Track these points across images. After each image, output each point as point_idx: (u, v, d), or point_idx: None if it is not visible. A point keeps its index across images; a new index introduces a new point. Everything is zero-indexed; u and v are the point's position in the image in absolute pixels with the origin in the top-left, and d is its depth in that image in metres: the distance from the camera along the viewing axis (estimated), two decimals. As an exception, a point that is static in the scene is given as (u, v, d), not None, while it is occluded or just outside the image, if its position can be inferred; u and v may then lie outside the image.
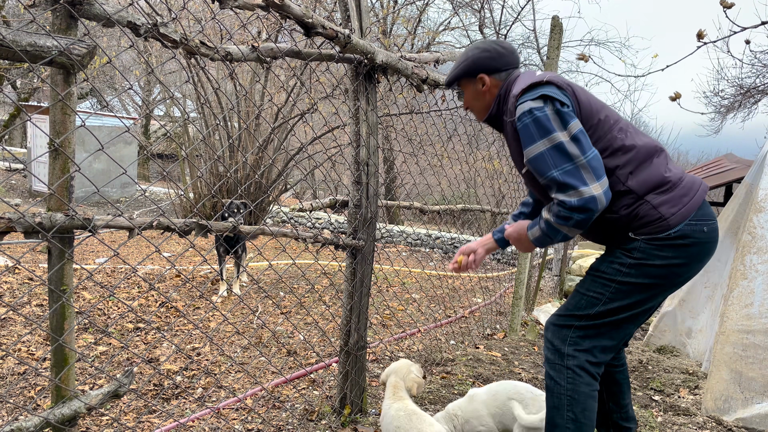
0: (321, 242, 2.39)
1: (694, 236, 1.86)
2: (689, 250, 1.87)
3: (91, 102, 20.64)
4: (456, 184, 6.82)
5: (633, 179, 1.88)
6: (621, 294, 1.93)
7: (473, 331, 4.54)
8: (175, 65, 11.26)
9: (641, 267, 1.89)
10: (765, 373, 2.91)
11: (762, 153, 3.53)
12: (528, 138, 1.83)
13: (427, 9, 12.60)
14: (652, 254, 1.87)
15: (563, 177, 1.78)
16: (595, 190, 1.76)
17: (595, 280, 2.00)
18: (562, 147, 1.78)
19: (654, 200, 1.86)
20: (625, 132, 1.93)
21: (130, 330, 3.90)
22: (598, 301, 1.96)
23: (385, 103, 6.92)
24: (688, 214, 1.86)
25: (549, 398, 2.03)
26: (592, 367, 1.99)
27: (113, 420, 2.62)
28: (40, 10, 1.42)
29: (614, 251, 1.97)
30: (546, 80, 1.84)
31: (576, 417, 1.95)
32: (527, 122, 1.82)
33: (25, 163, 14.88)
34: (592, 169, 1.78)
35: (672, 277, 1.90)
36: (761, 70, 11.16)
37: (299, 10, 1.96)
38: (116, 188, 13.68)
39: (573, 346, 1.98)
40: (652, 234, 1.87)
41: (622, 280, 1.92)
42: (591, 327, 1.98)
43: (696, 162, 26.73)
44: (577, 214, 1.79)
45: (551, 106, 1.80)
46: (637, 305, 1.94)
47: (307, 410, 2.79)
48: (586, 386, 1.97)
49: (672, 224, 1.85)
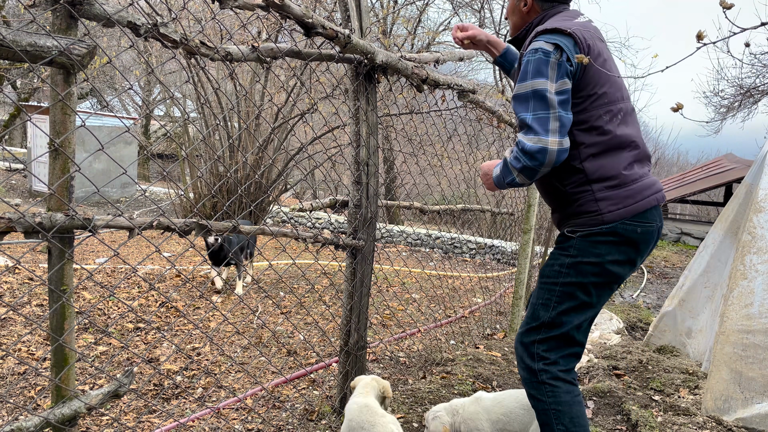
0: (321, 242, 2.39)
1: (626, 235, 1.90)
2: (620, 248, 1.91)
3: (91, 102, 20.64)
4: (456, 184, 6.82)
5: (590, 162, 1.92)
6: (566, 296, 1.96)
7: (473, 331, 4.54)
8: (175, 65, 11.26)
9: (578, 265, 1.93)
10: (765, 373, 2.91)
11: (762, 153, 3.53)
12: (523, 74, 1.87)
13: (427, 9, 12.61)
14: (587, 251, 1.92)
15: (532, 121, 1.82)
16: (551, 144, 1.80)
17: (542, 287, 2.04)
18: (544, 94, 1.82)
19: (598, 192, 1.91)
20: (612, 116, 1.94)
21: (130, 330, 3.90)
22: (548, 308, 1.99)
23: (385, 103, 6.92)
24: (626, 215, 1.89)
25: (538, 417, 2.04)
26: (565, 374, 2.00)
27: (113, 420, 2.63)
28: (40, 10, 1.42)
29: (553, 253, 2.03)
30: (570, 32, 1.85)
31: (567, 428, 1.97)
32: (531, 59, 1.85)
33: (25, 163, 14.88)
34: (560, 126, 1.82)
35: (607, 274, 1.93)
36: (761, 70, 11.16)
37: (299, 10, 1.96)
38: (116, 188, 13.67)
39: (542, 361, 2.00)
40: (585, 226, 1.92)
41: (563, 281, 1.96)
42: (551, 338, 2.00)
43: (696, 162, 26.72)
44: (527, 159, 1.83)
45: (557, 56, 1.82)
46: (585, 306, 1.97)
47: (307, 410, 2.79)
48: (566, 395, 1.98)
49: (605, 221, 1.89)
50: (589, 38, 1.90)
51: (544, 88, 1.82)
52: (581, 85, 1.88)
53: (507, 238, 9.35)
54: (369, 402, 2.25)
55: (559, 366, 1.99)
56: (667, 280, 8.84)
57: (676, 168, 29.04)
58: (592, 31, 1.97)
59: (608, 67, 1.96)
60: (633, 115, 2.03)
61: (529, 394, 2.05)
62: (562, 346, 2.00)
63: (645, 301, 7.07)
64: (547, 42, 1.83)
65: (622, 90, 2.01)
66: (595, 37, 1.96)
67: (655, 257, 11.13)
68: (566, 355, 2.01)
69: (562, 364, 2.00)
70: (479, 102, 3.51)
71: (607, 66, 1.95)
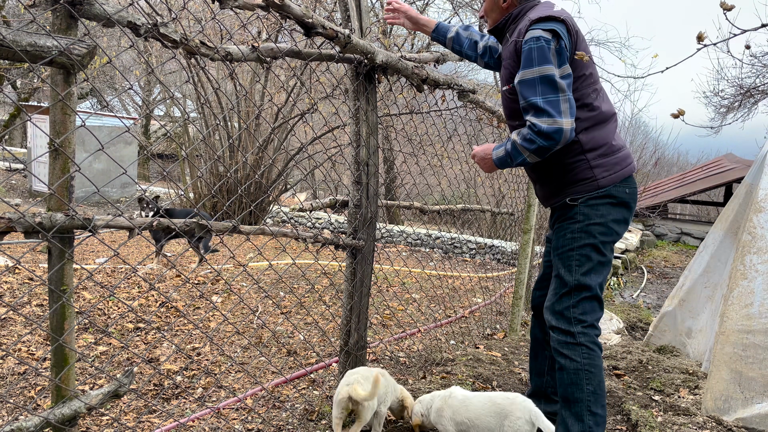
0: (321, 242, 2.39)
1: (618, 196, 2.15)
2: (617, 208, 2.16)
3: (91, 102, 20.64)
4: (456, 184, 6.82)
5: (584, 134, 2.13)
6: (584, 258, 2.15)
7: (473, 331, 4.54)
8: (175, 65, 11.26)
9: (587, 227, 2.14)
10: (765, 373, 2.91)
11: (762, 153, 3.52)
12: (527, 61, 2.00)
13: (427, 9, 12.60)
14: (592, 214, 2.14)
15: (544, 104, 1.97)
16: (566, 124, 1.98)
17: (560, 257, 2.21)
18: (553, 79, 1.97)
19: (593, 161, 2.13)
20: (597, 93, 2.16)
21: (130, 330, 3.90)
22: (571, 272, 2.16)
23: (385, 103, 6.92)
24: (617, 180, 2.14)
25: (564, 376, 2.14)
26: (598, 339, 2.17)
27: (113, 420, 2.63)
28: (40, 10, 1.42)
29: (561, 226, 2.22)
30: (562, 18, 2.01)
31: (594, 389, 2.10)
32: (532, 47, 1.98)
33: (25, 163, 14.88)
34: (570, 107, 1.99)
35: (611, 232, 2.16)
36: (761, 70, 11.15)
37: (299, 10, 1.96)
38: (116, 188, 13.67)
39: (580, 324, 2.14)
40: (583, 192, 2.14)
41: (578, 245, 2.15)
42: (584, 299, 2.15)
43: (696, 162, 26.70)
44: (542, 139, 1.99)
45: (556, 43, 1.98)
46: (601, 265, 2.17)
47: (308, 410, 2.79)
48: (598, 359, 2.14)
49: (601, 185, 2.13)
50: (574, 25, 2.07)
51: (551, 73, 1.96)
52: (576, 66, 2.05)
53: (507, 238, 9.35)
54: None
55: (596, 330, 2.17)
56: (667, 280, 8.84)
57: (676, 168, 29.01)
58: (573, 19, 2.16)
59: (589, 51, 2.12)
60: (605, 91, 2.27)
61: (561, 354, 2.15)
62: (595, 309, 2.18)
63: (645, 301, 7.08)
64: (545, 30, 1.98)
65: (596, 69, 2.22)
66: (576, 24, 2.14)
67: (655, 257, 11.13)
68: (597, 319, 2.18)
69: (597, 329, 2.18)
70: (479, 102, 3.51)
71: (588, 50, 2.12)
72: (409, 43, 12.61)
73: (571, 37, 2.03)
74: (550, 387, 2.54)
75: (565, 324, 2.15)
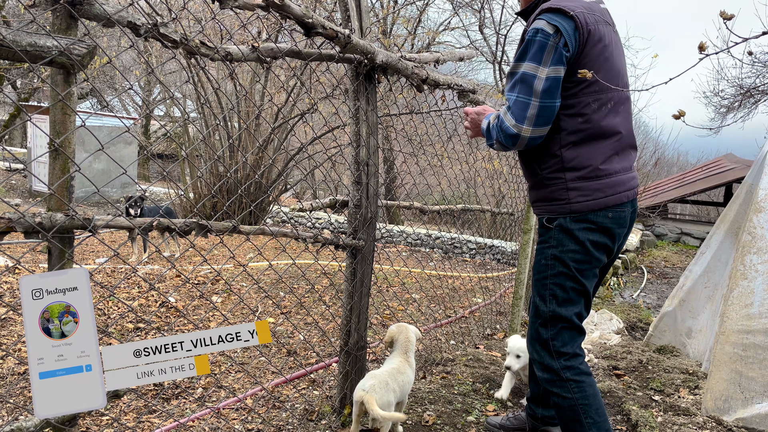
0: (321, 242, 2.39)
1: (597, 221, 1.94)
2: (596, 234, 1.95)
3: (91, 102, 20.63)
4: (456, 184, 6.82)
5: (569, 150, 1.92)
6: (557, 288, 2.00)
7: (473, 331, 4.53)
8: (175, 65, 11.26)
9: (561, 254, 1.97)
10: (765, 373, 2.91)
11: (762, 153, 3.53)
12: (521, 53, 1.88)
13: (427, 9, 12.60)
14: (565, 240, 1.96)
15: (515, 103, 1.86)
16: (525, 132, 1.85)
17: (536, 284, 2.08)
18: (531, 80, 1.83)
19: (570, 182, 1.94)
20: (601, 104, 1.92)
21: (130, 330, 3.90)
22: (545, 302, 2.03)
23: (385, 103, 6.92)
24: (595, 208, 1.92)
25: (562, 413, 2.04)
26: (585, 366, 2.03)
27: (113, 420, 2.62)
28: (40, 10, 1.42)
29: (538, 248, 2.09)
30: (572, 14, 1.83)
31: (594, 420, 1.99)
32: (530, 39, 1.85)
33: (25, 163, 14.88)
34: (537, 115, 1.84)
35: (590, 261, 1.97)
36: (761, 71, 11.15)
37: (299, 10, 1.96)
38: (116, 188, 13.67)
39: (560, 358, 2.01)
40: (555, 213, 1.98)
41: (551, 273, 2.00)
42: (561, 330, 2.02)
43: (696, 162, 26.71)
44: (501, 136, 1.91)
45: (555, 40, 1.81)
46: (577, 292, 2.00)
47: (307, 410, 2.79)
48: (590, 387, 2.01)
49: (573, 210, 1.93)
50: (592, 22, 1.86)
51: (533, 74, 1.82)
52: (575, 69, 1.84)
53: (507, 238, 9.35)
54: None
55: (579, 358, 2.02)
56: (667, 280, 8.83)
57: (676, 168, 29.02)
58: (598, 13, 1.92)
59: (608, 53, 1.92)
60: (626, 105, 2.01)
61: (552, 393, 2.04)
62: (575, 337, 2.03)
63: (645, 301, 7.07)
64: (549, 23, 1.82)
65: (620, 77, 1.98)
66: (601, 20, 1.91)
67: (655, 257, 11.13)
68: (579, 344, 2.04)
69: (579, 355, 2.03)
70: (479, 102, 3.51)
71: (607, 52, 1.91)
72: (409, 43, 12.62)
73: (580, 35, 1.82)
74: None
75: (547, 358, 2.03)
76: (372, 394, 2.24)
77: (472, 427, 2.74)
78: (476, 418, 2.82)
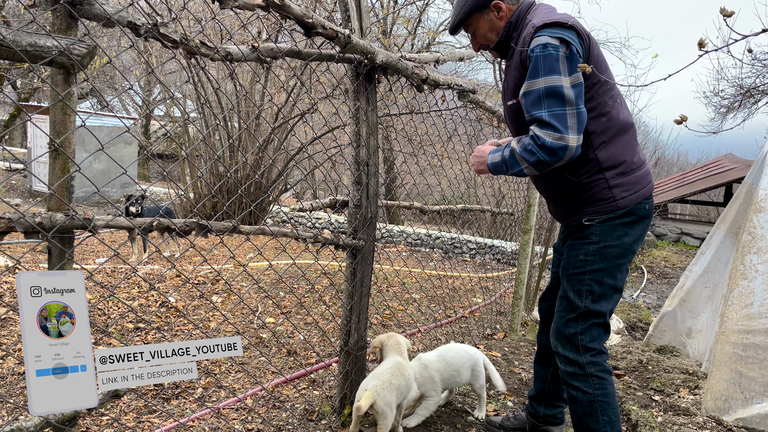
0: (321, 242, 2.39)
1: (638, 213, 2.01)
2: (635, 226, 2.02)
3: (91, 102, 20.64)
4: (456, 184, 6.82)
5: (602, 150, 1.96)
6: (595, 283, 2.02)
7: (473, 331, 4.53)
8: (175, 65, 11.26)
9: (603, 250, 2.00)
10: (765, 373, 2.91)
11: (762, 153, 3.53)
12: (534, 70, 1.85)
13: (427, 9, 12.60)
14: (608, 235, 2.00)
15: (550, 118, 1.82)
16: (572, 141, 1.82)
17: (571, 279, 2.07)
18: (560, 91, 1.81)
19: (611, 180, 1.97)
20: (614, 100, 1.97)
21: (130, 330, 3.90)
22: (581, 297, 2.04)
23: (385, 103, 6.92)
24: (637, 200, 1.99)
25: (578, 408, 2.05)
26: (607, 364, 2.06)
27: (113, 420, 2.63)
28: (40, 10, 1.42)
29: (573, 244, 2.07)
30: (570, 24, 1.85)
31: (610, 419, 2.01)
32: (539, 55, 1.83)
33: (25, 163, 14.88)
34: (578, 122, 1.83)
35: (628, 254, 2.03)
36: (761, 70, 11.16)
37: (299, 10, 1.96)
38: (116, 188, 13.67)
39: (587, 353, 2.03)
40: (601, 213, 2.00)
41: (591, 269, 2.02)
42: (592, 326, 2.04)
43: (696, 162, 26.72)
44: (544, 154, 1.84)
45: (565, 49, 1.82)
46: (614, 290, 2.04)
47: (307, 410, 2.79)
48: (610, 386, 2.04)
49: (620, 206, 1.98)
50: (584, 28, 1.92)
51: (559, 84, 1.81)
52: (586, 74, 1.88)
53: (507, 238, 9.35)
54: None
55: (604, 356, 2.05)
56: (667, 280, 8.84)
57: (676, 168, 29.04)
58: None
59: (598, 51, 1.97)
60: (622, 97, 2.09)
61: (572, 386, 2.06)
62: (602, 335, 2.06)
63: (645, 301, 7.08)
64: (552, 36, 1.83)
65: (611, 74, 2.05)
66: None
67: (655, 257, 11.13)
68: (605, 340, 2.07)
69: (605, 354, 2.06)
70: (479, 102, 3.51)
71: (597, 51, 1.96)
72: (409, 43, 12.62)
73: (583, 41, 1.87)
74: (552, 393, 2.52)
75: (573, 353, 2.04)
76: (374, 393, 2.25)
77: (472, 427, 2.74)
78: (476, 418, 2.82)
